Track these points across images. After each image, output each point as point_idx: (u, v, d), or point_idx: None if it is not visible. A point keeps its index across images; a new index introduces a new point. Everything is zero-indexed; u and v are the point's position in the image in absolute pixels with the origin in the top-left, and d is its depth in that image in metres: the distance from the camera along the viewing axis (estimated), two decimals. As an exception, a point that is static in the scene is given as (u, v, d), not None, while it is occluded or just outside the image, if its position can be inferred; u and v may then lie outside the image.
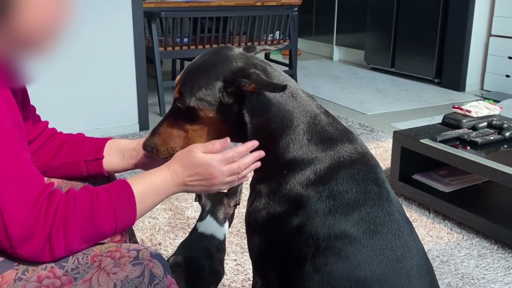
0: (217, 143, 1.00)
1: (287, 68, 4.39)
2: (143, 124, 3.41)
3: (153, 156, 1.17)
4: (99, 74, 3.21)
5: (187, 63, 4.99)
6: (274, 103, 1.00)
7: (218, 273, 1.43)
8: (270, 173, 1.01)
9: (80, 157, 1.18)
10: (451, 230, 2.16)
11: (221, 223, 1.48)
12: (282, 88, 0.93)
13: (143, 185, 0.97)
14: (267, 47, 1.19)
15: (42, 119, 1.22)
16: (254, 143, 1.01)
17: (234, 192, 1.48)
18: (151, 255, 0.93)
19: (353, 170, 0.99)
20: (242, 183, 1.14)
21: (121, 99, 3.31)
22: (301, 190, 0.98)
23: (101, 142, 1.21)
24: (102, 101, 3.25)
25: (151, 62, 3.72)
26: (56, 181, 1.19)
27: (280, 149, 1.00)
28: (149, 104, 3.58)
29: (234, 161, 1.01)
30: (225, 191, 1.37)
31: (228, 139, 1.00)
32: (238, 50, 1.05)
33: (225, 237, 1.51)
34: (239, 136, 1.04)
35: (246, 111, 0.99)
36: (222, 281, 1.75)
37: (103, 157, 1.19)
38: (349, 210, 0.96)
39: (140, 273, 0.90)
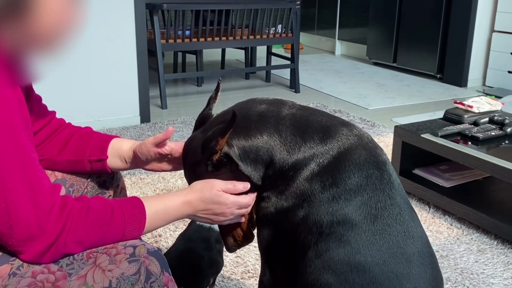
0: (237, 186, 1.03)
1: (289, 62, 4.38)
2: (144, 116, 3.41)
3: (152, 158, 1.19)
4: (100, 66, 3.21)
5: (189, 56, 4.98)
6: (251, 137, 1.02)
7: (217, 264, 1.43)
8: (278, 179, 1.02)
9: (84, 156, 1.18)
10: (451, 225, 2.17)
11: None
12: (233, 116, 0.97)
13: (156, 213, 1.00)
14: (213, 106, 1.20)
15: (44, 110, 1.21)
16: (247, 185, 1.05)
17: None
18: (148, 252, 0.92)
19: (354, 155, 0.99)
20: None
21: (122, 91, 3.31)
22: (307, 184, 0.98)
23: (105, 141, 1.21)
24: (104, 93, 3.25)
25: (153, 54, 3.72)
26: (60, 174, 1.20)
27: (279, 162, 1.01)
28: (151, 96, 3.58)
29: (246, 207, 1.06)
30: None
31: (248, 184, 1.04)
32: (198, 134, 1.09)
33: None
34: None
35: (238, 160, 1.02)
36: (222, 272, 1.75)
37: (107, 157, 1.19)
38: (352, 195, 0.96)
39: (136, 271, 0.89)
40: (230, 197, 1.04)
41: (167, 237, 1.98)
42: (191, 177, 1.09)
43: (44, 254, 0.88)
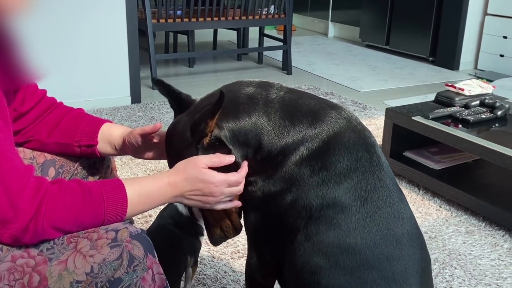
0: (223, 158, 0.99)
1: (281, 44, 4.36)
2: (135, 97, 3.38)
3: (141, 148, 1.16)
4: (90, 46, 3.17)
5: (180, 37, 4.89)
6: (239, 119, 1.00)
7: (193, 244, 1.43)
8: (267, 163, 1.01)
9: (74, 140, 1.16)
10: (440, 207, 2.18)
11: None
12: (221, 96, 0.94)
13: (139, 195, 0.95)
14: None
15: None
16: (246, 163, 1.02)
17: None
18: (130, 235, 0.90)
19: (343, 138, 0.98)
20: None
21: (113, 71, 3.28)
22: (296, 169, 0.97)
23: (96, 126, 1.18)
24: (94, 72, 3.21)
25: (144, 34, 3.67)
26: (50, 156, 1.18)
27: (267, 147, 0.99)
28: (142, 77, 3.54)
29: (237, 185, 1.01)
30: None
31: (234, 157, 1.00)
32: (183, 117, 1.05)
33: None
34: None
35: (229, 144, 1.00)
36: (212, 252, 1.76)
37: (97, 143, 1.17)
38: (341, 178, 0.96)
39: (118, 256, 0.88)
40: (217, 175, 0.98)
41: (157, 217, 1.97)
42: (178, 161, 1.02)
43: (20, 237, 0.86)
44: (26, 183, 0.85)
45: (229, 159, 0.99)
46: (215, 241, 1.10)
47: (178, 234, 1.41)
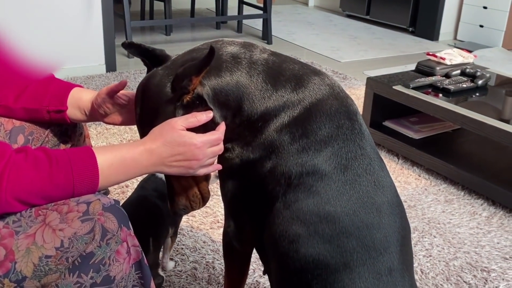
0: (200, 117, 0.92)
1: (261, 12, 4.27)
2: (110, 65, 3.29)
3: (110, 110, 1.10)
4: (63, 12, 3.04)
5: (156, 4, 4.76)
6: (221, 77, 0.94)
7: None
8: (246, 129, 0.97)
9: (43, 105, 1.10)
10: (419, 176, 2.18)
11: None
12: (211, 51, 0.88)
13: (111, 164, 0.88)
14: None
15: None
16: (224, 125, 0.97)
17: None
18: (103, 207, 0.85)
19: (325, 105, 0.96)
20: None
21: (86, 38, 3.17)
22: (276, 135, 0.94)
23: (65, 90, 1.12)
24: (67, 40, 3.09)
25: (119, 0, 3.55)
26: (18, 122, 1.12)
27: (248, 110, 0.95)
28: (117, 45, 3.44)
29: (218, 143, 0.94)
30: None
31: (211, 113, 0.93)
32: (159, 71, 0.97)
33: None
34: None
35: (210, 103, 0.94)
36: (191, 223, 1.73)
37: (67, 108, 1.10)
38: (322, 146, 0.93)
39: (90, 229, 0.83)
40: (197, 136, 0.91)
41: (134, 187, 1.93)
42: (151, 121, 0.95)
43: None
44: None
45: (206, 116, 0.93)
46: (176, 212, 1.02)
47: (159, 205, 1.38)
